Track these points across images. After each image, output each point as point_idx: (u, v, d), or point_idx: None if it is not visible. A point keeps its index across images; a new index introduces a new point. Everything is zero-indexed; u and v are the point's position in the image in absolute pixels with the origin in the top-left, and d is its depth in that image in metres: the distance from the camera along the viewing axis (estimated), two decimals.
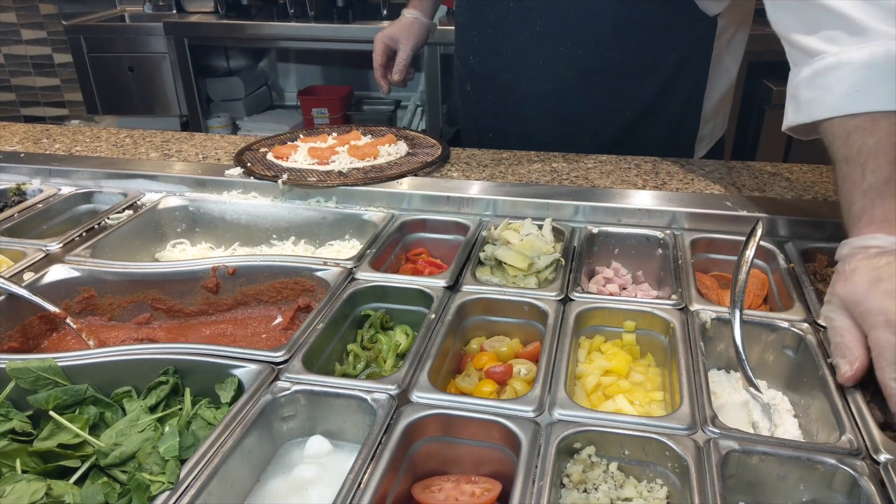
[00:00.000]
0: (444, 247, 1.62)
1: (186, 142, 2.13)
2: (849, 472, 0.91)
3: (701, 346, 1.16)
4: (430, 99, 4.26)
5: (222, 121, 4.72)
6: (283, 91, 5.27)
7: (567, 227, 1.55)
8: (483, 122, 2.13)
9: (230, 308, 1.48)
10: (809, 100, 1.24)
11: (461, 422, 1.02)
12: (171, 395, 1.13)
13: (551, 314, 1.24)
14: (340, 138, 1.99)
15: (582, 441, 0.99)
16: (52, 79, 5.62)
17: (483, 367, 1.20)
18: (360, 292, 1.35)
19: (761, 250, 1.45)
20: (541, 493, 0.88)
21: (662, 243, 1.51)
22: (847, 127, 1.17)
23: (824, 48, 1.21)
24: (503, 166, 1.86)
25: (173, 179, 1.82)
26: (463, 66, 2.10)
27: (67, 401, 1.10)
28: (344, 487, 0.89)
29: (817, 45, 1.22)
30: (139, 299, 1.45)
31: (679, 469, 0.94)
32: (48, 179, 1.88)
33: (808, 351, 1.15)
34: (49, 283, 1.41)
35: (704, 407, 1.01)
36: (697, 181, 1.73)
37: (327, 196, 1.72)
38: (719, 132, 2.09)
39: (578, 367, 1.21)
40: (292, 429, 1.09)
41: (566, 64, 1.85)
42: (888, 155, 1.11)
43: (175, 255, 1.71)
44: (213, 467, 0.93)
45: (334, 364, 1.26)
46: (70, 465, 1.01)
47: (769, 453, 0.94)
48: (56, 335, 1.39)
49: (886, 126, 1.13)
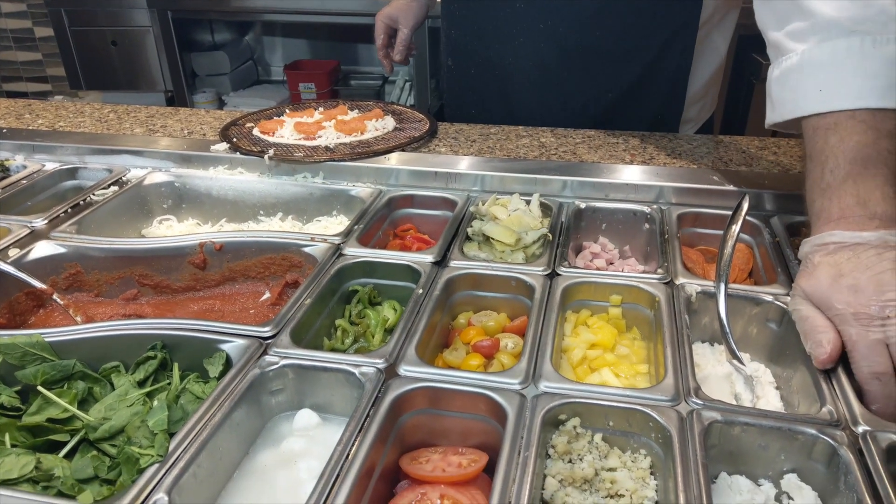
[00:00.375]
0: (432, 222, 1.62)
1: (171, 117, 2.12)
2: (828, 441, 0.93)
3: (686, 320, 1.17)
4: (418, 74, 4.23)
5: (208, 96, 4.67)
6: (270, 66, 5.21)
7: (555, 203, 1.56)
8: (465, 97, 2.12)
9: (218, 284, 1.48)
10: (780, 99, 1.26)
11: (448, 394, 1.03)
12: (160, 370, 1.13)
13: (538, 289, 1.25)
14: (327, 113, 1.98)
15: (567, 413, 1.00)
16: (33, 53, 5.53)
17: (470, 341, 1.21)
18: (347, 268, 1.35)
19: (747, 224, 1.46)
20: (526, 463, 0.89)
21: (649, 218, 1.51)
22: (813, 124, 1.18)
23: (790, 46, 1.22)
24: (491, 141, 1.86)
25: (159, 155, 1.81)
26: (447, 40, 2.09)
27: (56, 376, 1.10)
28: (332, 460, 0.90)
29: (784, 43, 1.23)
30: (126, 275, 1.45)
31: (662, 439, 0.96)
32: (32, 155, 1.86)
33: (791, 324, 1.16)
34: (35, 259, 1.41)
35: (688, 379, 1.03)
36: (685, 156, 1.74)
37: (314, 171, 1.71)
38: (707, 112, 2.08)
39: (565, 341, 1.22)
40: (281, 402, 1.10)
41: (547, 41, 1.84)
42: (847, 154, 1.11)
43: (162, 231, 1.70)
44: (201, 440, 0.94)
45: (322, 339, 1.26)
46: (59, 439, 1.01)
47: (751, 424, 0.96)
48: (43, 311, 1.39)
49: (849, 125, 1.13)
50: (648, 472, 0.97)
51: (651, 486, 0.95)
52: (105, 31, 4.49)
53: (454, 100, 2.17)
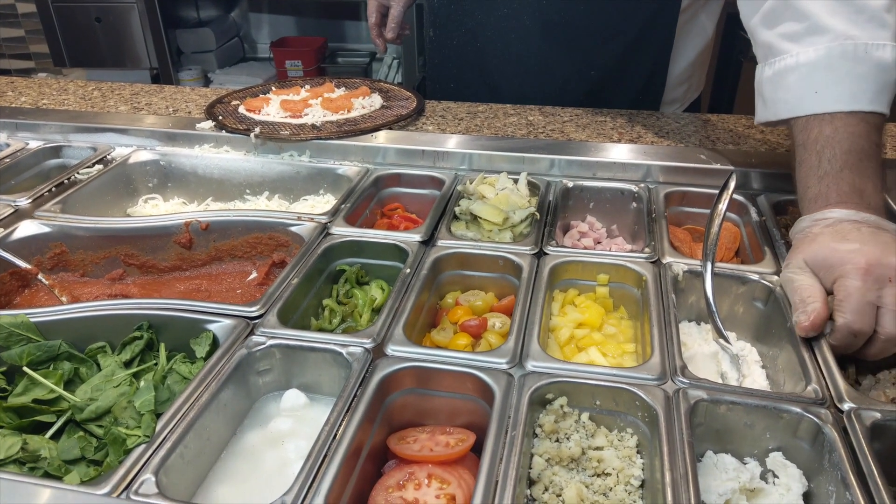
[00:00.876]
0: (420, 201, 1.62)
1: (156, 94, 2.10)
2: (813, 420, 0.94)
3: (672, 299, 1.17)
4: (406, 52, 4.20)
5: (193, 73, 4.62)
6: (256, 43, 5.16)
7: (542, 181, 1.56)
8: (445, 70, 2.10)
9: (204, 263, 1.48)
10: (773, 99, 1.29)
11: (436, 374, 1.03)
12: (146, 350, 1.13)
13: (526, 268, 1.25)
14: (313, 91, 1.96)
15: (554, 392, 1.00)
16: (16, 30, 5.44)
17: (458, 320, 1.21)
18: (334, 247, 1.35)
19: (734, 203, 1.46)
20: (513, 442, 0.90)
21: (637, 197, 1.51)
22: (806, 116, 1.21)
23: (785, 47, 1.25)
24: (479, 119, 1.85)
25: (144, 133, 1.79)
26: (429, 11, 2.07)
27: (41, 356, 1.09)
28: (319, 440, 0.90)
29: (778, 43, 1.26)
30: (112, 255, 1.44)
31: (649, 418, 0.97)
32: (15, 133, 1.84)
33: (777, 303, 1.17)
34: (19, 238, 1.40)
35: (675, 358, 1.03)
36: (672, 135, 1.74)
37: (301, 150, 1.70)
38: (694, 93, 2.08)
39: (552, 320, 1.22)
40: (268, 382, 1.10)
41: (531, 15, 1.83)
42: (843, 144, 1.15)
43: (147, 210, 1.69)
44: (188, 421, 0.94)
45: (310, 319, 1.26)
46: (46, 419, 1.01)
47: (737, 402, 0.97)
48: (28, 291, 1.38)
49: (842, 117, 1.17)
50: (635, 451, 0.97)
51: (637, 464, 0.95)
52: (89, 7, 4.42)
53: (434, 72, 2.16)
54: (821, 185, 1.16)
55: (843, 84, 1.18)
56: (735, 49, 3.76)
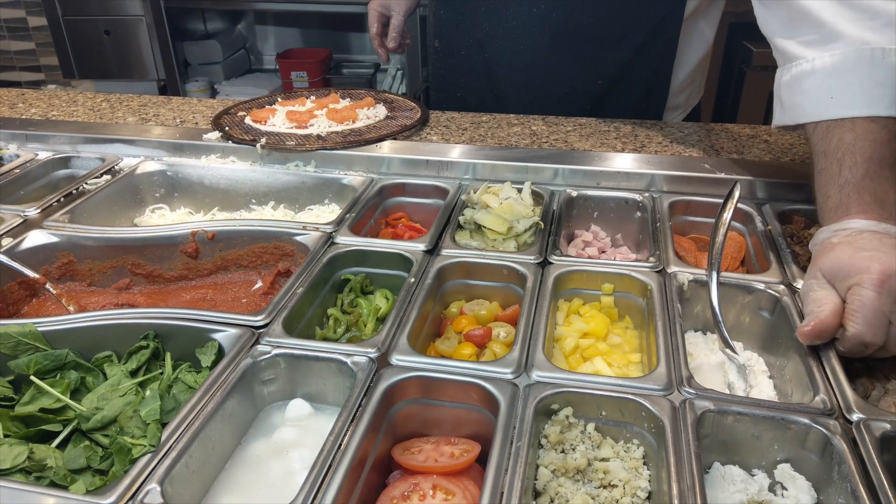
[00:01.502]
0: (424, 211, 1.62)
1: (164, 106, 2.11)
2: (822, 431, 0.93)
3: (678, 308, 1.17)
4: (410, 62, 4.21)
5: (200, 85, 4.65)
6: (262, 54, 5.19)
7: (546, 191, 1.56)
8: (451, 79, 2.11)
9: (210, 273, 1.48)
10: (791, 104, 1.28)
11: (440, 384, 1.03)
12: (152, 359, 1.13)
13: (530, 277, 1.25)
14: (319, 102, 1.97)
15: (559, 402, 1.00)
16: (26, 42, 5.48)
17: (463, 330, 1.21)
18: (339, 256, 1.35)
19: (739, 212, 1.46)
20: (519, 453, 0.89)
21: (641, 206, 1.51)
22: (826, 123, 1.21)
23: (801, 53, 1.25)
24: (483, 129, 1.86)
25: (151, 144, 1.80)
26: (435, 21, 2.07)
27: (48, 366, 1.10)
28: (324, 449, 0.90)
29: (795, 50, 1.27)
30: (119, 264, 1.45)
31: (655, 429, 0.96)
32: (25, 144, 1.85)
33: (784, 312, 1.17)
34: (28, 248, 1.40)
35: (681, 368, 1.03)
36: (676, 143, 1.74)
37: (306, 160, 1.71)
38: (694, 100, 2.09)
39: (557, 330, 1.22)
40: (273, 392, 1.10)
41: (540, 25, 1.84)
42: (864, 152, 1.14)
43: (154, 220, 1.70)
44: (193, 430, 0.94)
45: (315, 328, 1.26)
46: (52, 429, 1.01)
47: (744, 413, 0.96)
48: (36, 301, 1.38)
49: (863, 124, 1.16)
50: (641, 462, 0.97)
51: (644, 476, 0.95)
52: (98, 20, 4.46)
53: (440, 82, 2.16)
54: (841, 193, 1.15)
55: (858, 89, 1.17)
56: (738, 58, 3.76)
